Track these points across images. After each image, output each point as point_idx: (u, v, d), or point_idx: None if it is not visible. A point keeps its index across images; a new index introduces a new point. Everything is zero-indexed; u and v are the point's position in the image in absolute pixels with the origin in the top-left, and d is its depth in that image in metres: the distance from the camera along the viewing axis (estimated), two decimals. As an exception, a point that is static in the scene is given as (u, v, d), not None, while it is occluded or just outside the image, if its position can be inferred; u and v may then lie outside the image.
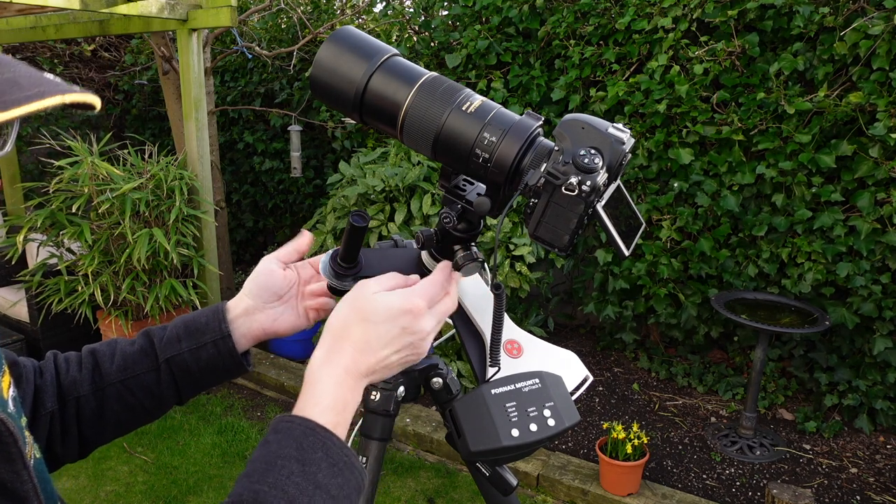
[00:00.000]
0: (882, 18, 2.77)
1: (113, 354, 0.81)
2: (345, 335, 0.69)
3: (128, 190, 3.32)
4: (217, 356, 0.81)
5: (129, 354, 0.81)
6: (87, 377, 0.80)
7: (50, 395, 0.78)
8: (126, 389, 0.80)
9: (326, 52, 0.81)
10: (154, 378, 0.81)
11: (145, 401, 0.81)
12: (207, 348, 0.81)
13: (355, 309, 0.71)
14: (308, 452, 0.60)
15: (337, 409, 0.65)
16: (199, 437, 3.28)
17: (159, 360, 0.81)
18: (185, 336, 0.81)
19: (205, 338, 0.81)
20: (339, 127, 4.56)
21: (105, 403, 0.80)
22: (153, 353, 0.81)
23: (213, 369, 0.82)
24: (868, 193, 2.92)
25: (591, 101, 3.51)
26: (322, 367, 0.67)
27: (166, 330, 0.82)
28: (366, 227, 0.80)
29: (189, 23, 3.42)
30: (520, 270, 3.34)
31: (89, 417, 0.80)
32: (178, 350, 0.81)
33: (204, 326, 0.82)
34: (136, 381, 0.80)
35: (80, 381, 0.79)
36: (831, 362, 3.26)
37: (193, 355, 0.81)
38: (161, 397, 0.82)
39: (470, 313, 0.87)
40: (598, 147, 0.71)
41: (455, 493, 2.86)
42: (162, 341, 0.81)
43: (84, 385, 0.79)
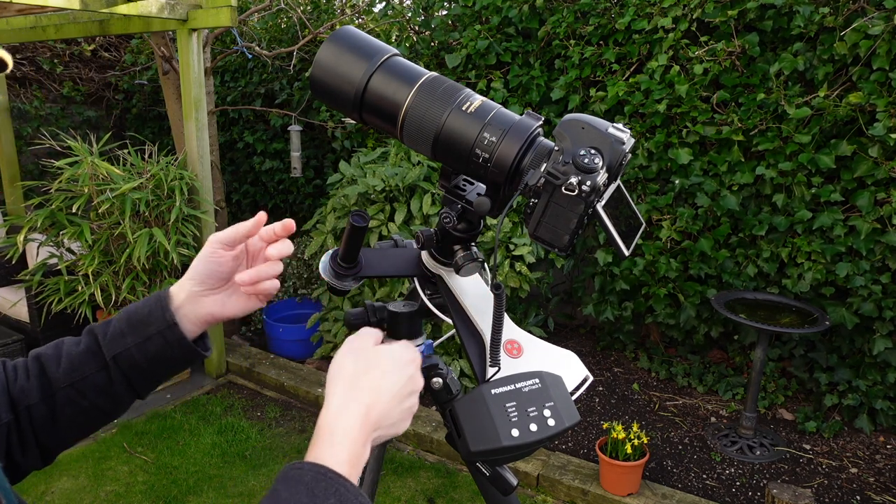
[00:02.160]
0: (882, 18, 2.76)
1: (59, 357, 0.77)
2: (357, 385, 0.68)
3: (128, 190, 3.32)
4: (165, 346, 0.78)
5: (76, 356, 0.77)
6: (35, 384, 0.76)
7: (3, 406, 0.74)
8: (77, 393, 0.76)
9: (326, 52, 0.81)
10: (104, 377, 0.77)
11: (99, 401, 0.77)
12: (154, 340, 0.77)
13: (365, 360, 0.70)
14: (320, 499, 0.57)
15: (352, 462, 0.62)
16: (199, 437, 3.28)
17: (105, 359, 0.77)
18: (128, 330, 0.77)
19: (149, 329, 0.77)
20: (339, 127, 4.56)
21: (57, 409, 0.76)
22: (99, 351, 0.77)
23: (163, 360, 0.78)
24: (868, 193, 2.92)
25: (591, 101, 3.51)
26: (338, 419, 0.65)
27: (110, 325, 0.79)
28: (366, 227, 0.80)
29: (189, 23, 3.42)
30: (520, 270, 3.34)
31: (43, 425, 0.76)
32: (125, 346, 0.77)
33: (147, 317, 0.78)
34: (86, 382, 0.76)
35: (28, 389, 0.76)
36: (831, 362, 3.26)
37: (140, 349, 0.77)
38: (115, 395, 0.78)
39: (470, 313, 0.87)
40: (598, 147, 0.71)
41: (455, 493, 2.86)
42: (106, 338, 0.77)
43: (33, 393, 0.75)
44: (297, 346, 4.06)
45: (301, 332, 4.01)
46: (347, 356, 0.71)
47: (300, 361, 4.00)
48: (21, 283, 3.75)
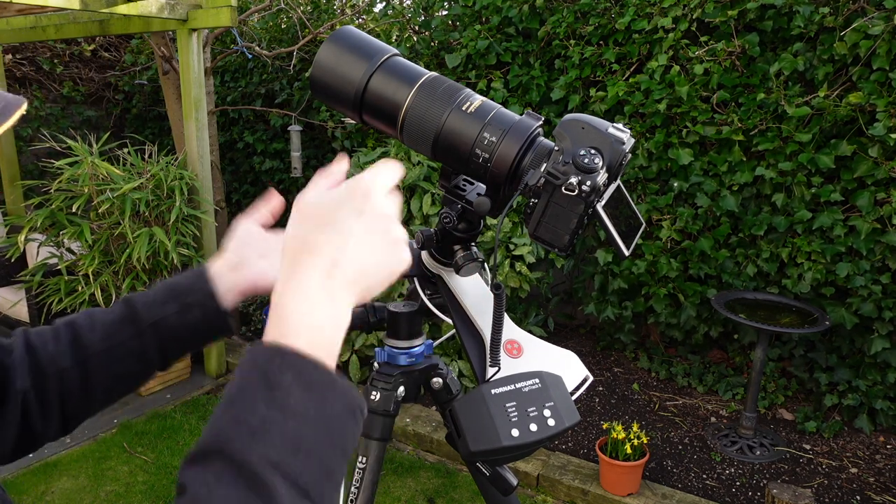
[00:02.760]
0: (882, 18, 2.76)
1: (93, 324, 0.79)
2: (303, 248, 0.54)
3: (128, 190, 3.32)
4: (203, 317, 0.80)
5: (111, 322, 0.79)
6: (67, 350, 0.76)
7: (21, 374, 0.74)
8: (111, 358, 0.77)
9: (326, 52, 0.81)
10: (138, 343, 0.78)
11: (132, 367, 0.79)
12: (193, 309, 0.79)
13: (303, 218, 0.57)
14: (274, 376, 0.49)
15: (313, 328, 0.51)
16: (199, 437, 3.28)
17: (144, 325, 0.78)
18: (170, 298, 0.79)
19: (190, 298, 0.79)
20: (339, 127, 4.56)
21: (90, 375, 0.77)
22: (136, 318, 0.79)
23: (199, 330, 0.80)
24: (868, 193, 2.92)
25: (591, 101, 3.51)
26: (286, 288, 0.53)
27: (148, 294, 0.80)
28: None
29: (189, 23, 3.42)
30: (520, 270, 3.34)
31: (75, 391, 0.77)
32: (164, 313, 0.79)
33: (188, 289, 0.80)
34: (121, 348, 0.78)
35: (58, 354, 0.76)
36: (831, 362, 3.26)
37: (179, 317, 0.79)
38: (147, 362, 0.79)
39: (470, 313, 0.87)
40: (598, 147, 0.71)
41: (455, 493, 2.86)
42: (146, 305, 0.79)
43: (65, 358, 0.76)
44: (297, 346, 4.05)
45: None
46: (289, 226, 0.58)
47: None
48: (21, 284, 3.75)
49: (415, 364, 0.96)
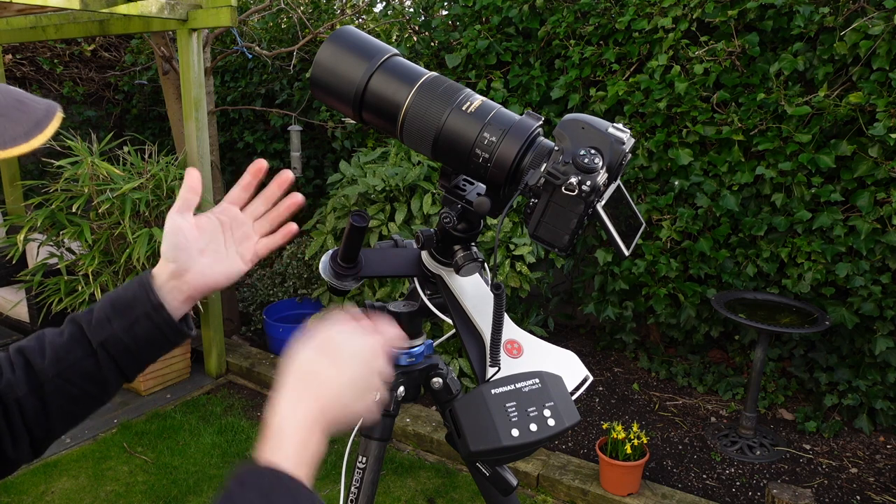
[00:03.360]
0: (882, 18, 2.76)
1: (42, 349, 0.77)
2: (311, 378, 0.65)
3: (128, 190, 3.32)
4: (153, 328, 0.78)
5: (60, 346, 0.77)
6: (22, 377, 0.76)
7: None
8: (65, 382, 0.76)
9: (326, 52, 0.81)
10: (92, 363, 0.77)
11: (88, 387, 0.78)
12: (141, 323, 0.77)
13: (323, 350, 0.68)
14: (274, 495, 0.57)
15: (303, 460, 0.61)
16: (199, 437, 3.28)
17: (93, 345, 0.77)
18: (114, 315, 0.77)
19: (135, 312, 0.77)
20: (339, 127, 4.56)
21: (47, 400, 0.76)
22: (84, 339, 0.77)
23: (152, 342, 0.78)
24: (868, 193, 2.92)
25: (591, 101, 3.51)
26: (288, 416, 0.63)
27: (93, 312, 0.78)
28: (366, 227, 0.80)
29: (189, 23, 3.42)
30: (520, 270, 3.34)
31: (34, 417, 0.76)
32: (111, 331, 0.77)
33: (132, 301, 0.78)
34: (74, 370, 0.77)
35: (14, 382, 0.75)
36: (831, 362, 3.26)
37: (128, 333, 0.77)
38: (104, 380, 0.78)
39: (470, 313, 0.87)
40: (598, 147, 0.71)
41: (455, 493, 2.86)
42: (91, 325, 0.77)
43: (20, 386, 0.75)
44: (297, 346, 4.05)
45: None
46: (305, 345, 0.68)
47: (300, 361, 3.99)
48: (21, 284, 3.75)
49: (415, 364, 0.96)
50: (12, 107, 0.52)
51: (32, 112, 0.53)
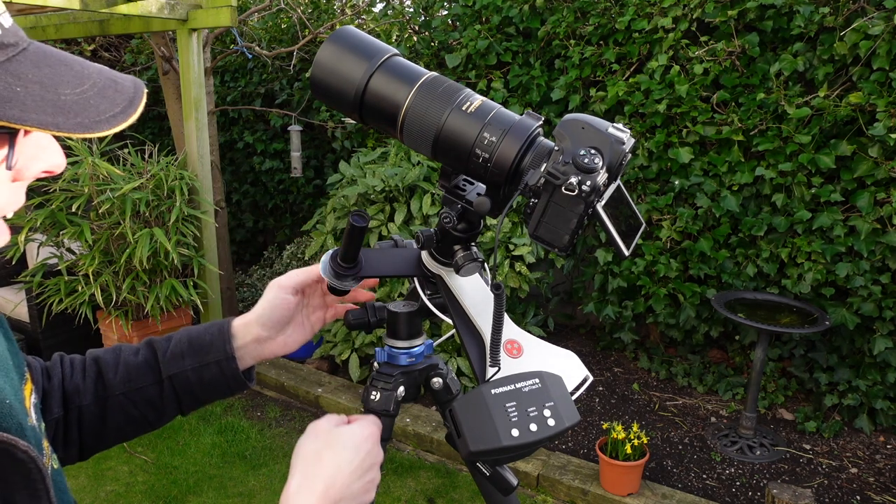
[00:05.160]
0: (882, 18, 2.77)
1: (117, 365, 0.81)
2: (317, 463, 0.70)
3: (128, 190, 3.32)
4: (220, 376, 0.82)
5: (133, 366, 0.81)
6: (91, 387, 0.79)
7: (56, 401, 0.78)
8: (129, 401, 0.80)
9: (326, 52, 0.81)
10: (157, 391, 0.81)
11: (147, 413, 0.82)
12: (211, 368, 0.81)
13: (324, 440, 0.72)
14: None
15: None
16: (199, 437, 3.28)
17: (162, 376, 0.81)
18: (189, 353, 0.81)
19: (209, 357, 0.81)
20: (339, 127, 4.56)
21: (107, 414, 0.80)
22: (157, 366, 0.81)
23: (215, 388, 0.83)
24: (868, 193, 2.92)
25: (591, 101, 3.51)
26: (298, 499, 0.67)
27: (170, 343, 0.82)
28: (366, 227, 0.80)
29: (189, 23, 3.42)
30: (520, 270, 3.34)
31: (91, 426, 0.80)
32: (182, 367, 0.81)
33: (209, 346, 0.82)
34: (139, 393, 0.80)
35: (83, 390, 0.79)
36: (831, 362, 3.26)
37: (197, 374, 0.81)
38: (163, 410, 0.82)
39: (470, 313, 0.87)
40: (598, 147, 0.71)
41: (455, 493, 2.86)
42: (166, 356, 0.81)
43: (87, 395, 0.79)
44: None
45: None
46: (307, 437, 0.73)
47: (300, 361, 4.00)
48: (21, 284, 3.75)
49: (415, 364, 0.96)
50: (108, 86, 0.54)
51: (125, 90, 0.55)
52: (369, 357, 3.60)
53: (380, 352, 0.96)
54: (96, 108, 0.52)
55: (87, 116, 0.51)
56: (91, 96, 0.52)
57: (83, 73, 0.53)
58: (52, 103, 0.49)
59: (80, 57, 0.55)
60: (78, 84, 0.52)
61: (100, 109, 0.52)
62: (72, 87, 0.51)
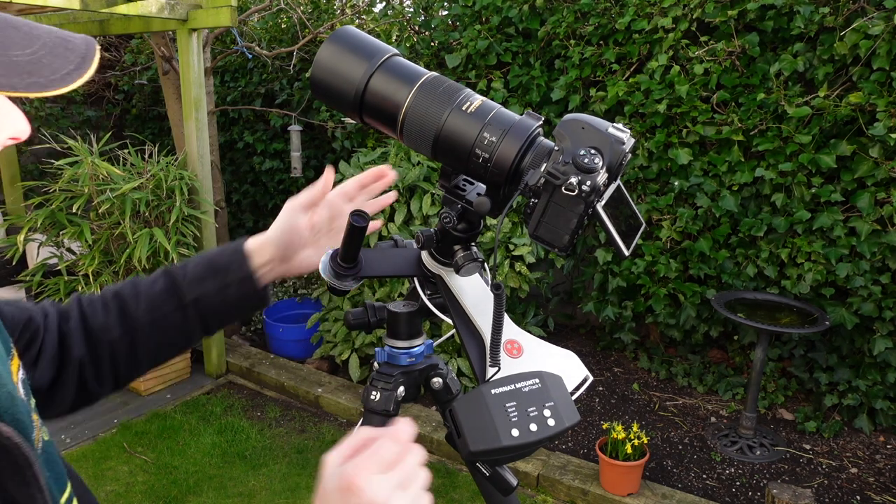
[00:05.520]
0: (882, 18, 2.76)
1: (137, 296, 0.83)
2: None
3: (128, 190, 3.32)
4: (242, 295, 0.84)
5: (154, 295, 0.83)
6: (116, 321, 0.82)
7: (77, 342, 0.80)
8: (156, 329, 0.83)
9: (326, 52, 0.81)
10: (181, 317, 0.83)
11: (175, 338, 0.84)
12: (232, 288, 0.84)
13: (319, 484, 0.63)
14: None
15: None
16: (199, 437, 3.28)
17: (185, 300, 0.83)
18: (209, 276, 0.83)
19: (229, 278, 0.84)
20: (339, 127, 4.56)
21: (137, 344, 0.83)
22: (177, 292, 0.83)
23: (238, 306, 0.85)
24: (868, 194, 2.92)
25: (591, 101, 3.51)
26: None
27: (187, 268, 0.84)
28: (366, 227, 0.80)
29: (189, 23, 3.42)
30: (520, 270, 3.34)
31: (124, 358, 0.83)
32: (204, 290, 0.83)
33: (227, 266, 0.84)
34: (165, 320, 0.83)
35: (109, 325, 0.81)
36: (831, 362, 3.26)
37: (219, 295, 0.83)
38: (189, 333, 0.85)
39: (470, 313, 0.87)
40: (598, 147, 0.71)
41: (455, 493, 2.86)
42: (185, 280, 0.83)
43: (114, 329, 0.81)
44: (297, 346, 4.06)
45: (301, 332, 4.01)
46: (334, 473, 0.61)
47: (300, 361, 4.00)
48: (21, 284, 3.75)
49: (415, 364, 0.96)
50: (59, 45, 0.54)
51: (76, 48, 0.55)
52: (369, 357, 3.60)
53: (380, 352, 0.96)
54: (50, 67, 0.52)
55: (41, 76, 0.51)
56: (43, 55, 0.52)
57: (31, 33, 0.53)
58: (3, 65, 0.49)
59: None
60: (28, 45, 0.52)
61: (53, 68, 0.52)
62: (21, 49, 0.51)
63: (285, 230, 0.86)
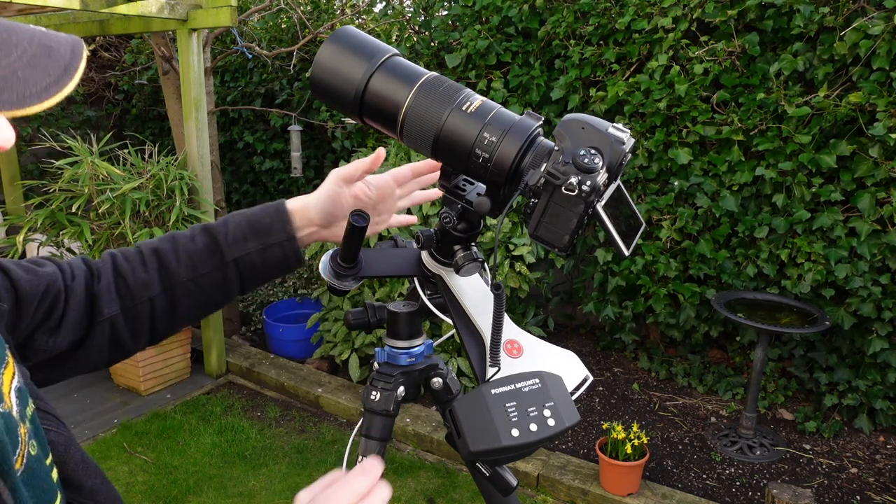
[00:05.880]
0: (882, 18, 2.76)
1: (176, 252, 0.83)
2: None
3: (128, 190, 3.32)
4: (282, 256, 0.85)
5: (195, 252, 0.83)
6: (156, 277, 0.82)
7: (109, 301, 0.80)
8: (196, 287, 0.83)
9: (326, 52, 0.81)
10: (221, 275, 0.84)
11: (214, 295, 0.85)
12: (273, 249, 0.84)
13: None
14: None
15: None
16: (199, 437, 3.28)
17: (226, 259, 0.83)
18: (251, 235, 0.84)
19: (271, 238, 0.84)
20: (339, 127, 4.56)
21: (177, 301, 0.83)
22: (219, 251, 0.83)
23: (276, 266, 0.86)
24: (868, 194, 2.92)
25: (591, 101, 3.51)
26: None
27: (228, 227, 0.85)
28: (366, 226, 0.80)
29: (189, 23, 3.42)
30: (520, 270, 3.34)
31: (163, 315, 0.83)
32: (246, 250, 0.84)
33: (269, 227, 0.85)
34: (205, 278, 0.83)
35: (148, 281, 0.82)
36: (831, 362, 3.26)
37: (260, 255, 0.84)
38: (228, 291, 0.85)
39: (470, 313, 0.87)
40: (598, 147, 0.71)
41: (455, 493, 2.86)
42: (227, 239, 0.84)
43: (154, 286, 0.82)
44: (297, 346, 4.06)
45: (301, 332, 4.01)
46: None
47: (300, 361, 4.00)
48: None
49: (415, 364, 0.96)
50: (40, 54, 0.49)
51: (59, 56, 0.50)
52: (369, 357, 3.60)
53: (380, 352, 0.96)
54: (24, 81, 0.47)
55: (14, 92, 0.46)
56: (19, 67, 0.47)
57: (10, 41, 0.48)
58: None
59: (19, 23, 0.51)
60: (4, 55, 0.47)
61: (29, 82, 0.47)
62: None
63: (327, 199, 0.87)
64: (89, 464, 0.69)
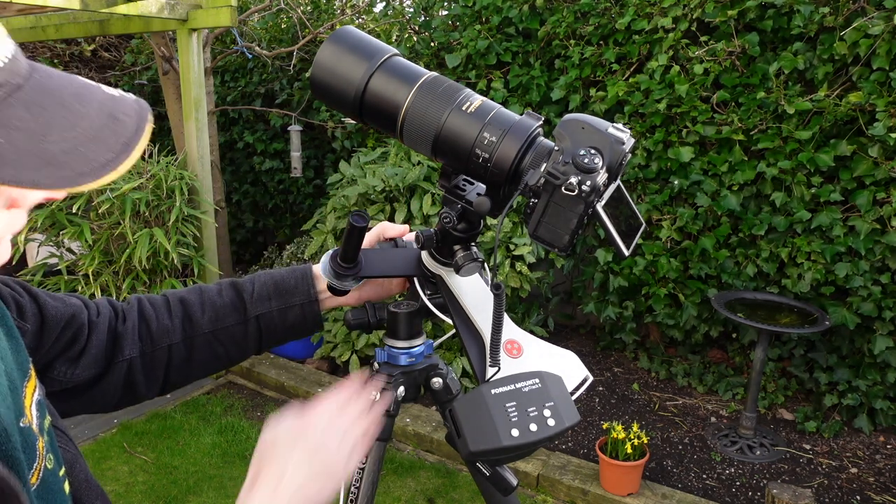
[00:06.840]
0: (882, 18, 2.76)
1: (202, 304, 0.85)
2: (263, 464, 0.67)
3: (128, 190, 3.32)
4: (302, 318, 0.88)
5: (220, 306, 0.86)
6: (179, 326, 0.84)
7: (130, 343, 0.81)
8: (215, 340, 0.85)
9: (326, 52, 0.81)
10: (241, 331, 0.86)
11: (231, 350, 0.87)
12: (295, 310, 0.87)
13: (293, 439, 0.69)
14: None
15: None
16: (199, 437, 3.28)
17: (248, 316, 0.86)
18: (275, 295, 0.87)
19: (294, 299, 0.87)
20: (339, 127, 4.56)
21: (194, 352, 0.85)
22: (243, 307, 0.86)
23: (296, 328, 0.89)
24: (867, 193, 2.92)
25: (591, 101, 3.51)
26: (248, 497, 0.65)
27: (255, 285, 0.87)
28: (366, 227, 0.80)
29: (189, 23, 3.42)
30: (520, 270, 3.34)
31: (178, 364, 0.85)
32: (268, 308, 0.86)
33: (293, 289, 0.87)
34: (226, 332, 0.85)
35: (171, 329, 0.83)
36: (831, 362, 3.26)
37: (281, 315, 0.87)
38: (245, 347, 0.87)
39: (470, 313, 0.87)
40: (598, 147, 0.71)
41: (455, 493, 2.86)
42: (252, 297, 0.86)
43: (175, 334, 0.83)
44: (297, 346, 4.06)
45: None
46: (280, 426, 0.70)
47: (300, 361, 4.00)
48: (21, 283, 3.74)
49: (415, 364, 0.96)
50: (104, 127, 0.48)
51: (124, 130, 0.49)
52: (369, 358, 3.60)
53: (380, 352, 0.96)
54: (84, 157, 0.46)
55: (72, 168, 0.45)
56: (82, 142, 0.46)
57: (80, 111, 0.47)
58: (34, 155, 0.44)
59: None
60: (70, 128, 0.46)
61: (89, 157, 0.46)
62: (61, 132, 0.45)
63: None
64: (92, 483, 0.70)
